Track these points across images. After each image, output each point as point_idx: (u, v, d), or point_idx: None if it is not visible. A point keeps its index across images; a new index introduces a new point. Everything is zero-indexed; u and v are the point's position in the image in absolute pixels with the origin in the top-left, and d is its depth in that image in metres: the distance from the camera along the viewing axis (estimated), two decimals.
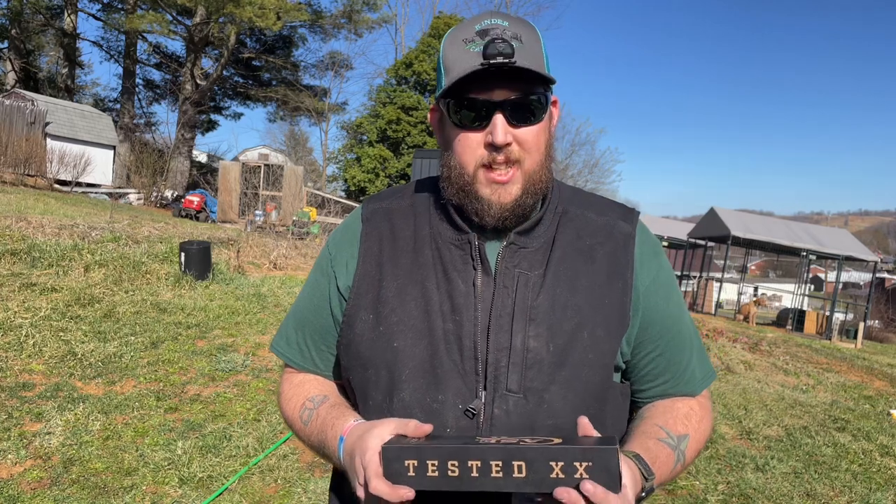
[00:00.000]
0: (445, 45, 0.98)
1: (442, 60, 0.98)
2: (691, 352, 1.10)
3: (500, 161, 0.96)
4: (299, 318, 1.15)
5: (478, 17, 0.98)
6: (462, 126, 0.97)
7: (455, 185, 1.00)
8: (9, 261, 6.77)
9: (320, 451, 1.04)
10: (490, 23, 0.96)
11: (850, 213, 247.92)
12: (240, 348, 5.70)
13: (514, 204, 0.98)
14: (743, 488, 4.12)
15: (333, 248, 1.12)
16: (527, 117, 0.96)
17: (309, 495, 3.43)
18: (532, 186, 0.99)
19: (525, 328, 0.97)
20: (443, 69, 0.98)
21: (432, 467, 0.81)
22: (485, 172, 0.97)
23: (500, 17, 0.98)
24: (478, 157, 0.97)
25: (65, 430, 3.79)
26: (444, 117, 1.01)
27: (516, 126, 0.96)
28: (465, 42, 0.95)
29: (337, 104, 36.25)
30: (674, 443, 1.00)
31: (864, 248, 21.73)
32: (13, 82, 26.94)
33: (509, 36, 0.94)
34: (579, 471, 0.77)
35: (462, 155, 0.98)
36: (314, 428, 1.04)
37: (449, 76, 0.96)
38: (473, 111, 0.95)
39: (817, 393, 7.53)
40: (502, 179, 0.97)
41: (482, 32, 0.95)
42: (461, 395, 0.96)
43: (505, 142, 0.94)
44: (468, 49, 0.94)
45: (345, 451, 0.94)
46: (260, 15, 23.24)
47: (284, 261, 10.68)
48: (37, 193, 15.43)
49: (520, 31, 0.96)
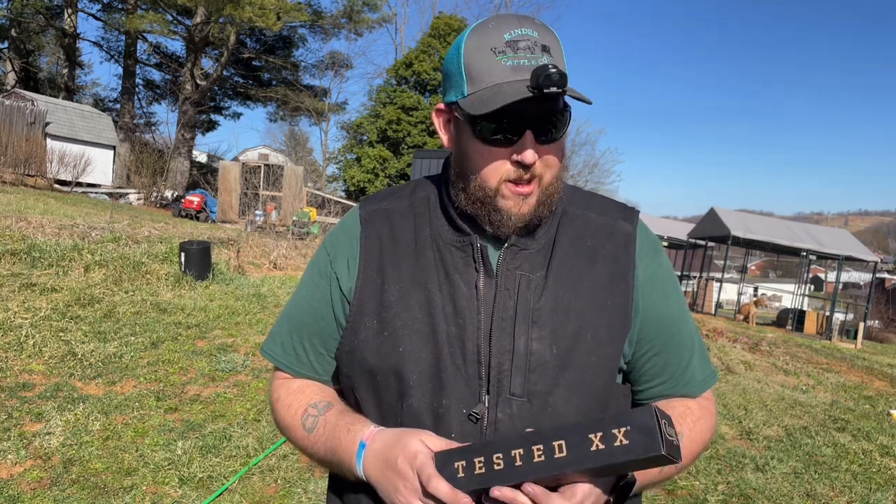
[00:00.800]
0: (469, 48, 0.94)
1: (464, 65, 0.94)
2: (691, 353, 1.08)
3: (525, 178, 0.95)
4: (295, 322, 1.11)
5: (504, 23, 0.94)
6: (488, 141, 0.94)
7: (473, 196, 0.98)
8: (9, 261, 6.77)
9: (329, 459, 1.01)
10: (520, 33, 0.92)
11: (850, 213, 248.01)
12: (240, 348, 5.70)
13: (532, 215, 0.98)
14: (743, 488, 4.12)
15: (332, 249, 1.09)
16: (553, 135, 0.95)
17: (309, 495, 3.43)
18: (548, 199, 0.98)
19: (528, 331, 0.96)
20: (465, 75, 0.94)
21: (479, 464, 0.83)
22: (509, 186, 0.96)
23: (529, 24, 0.94)
24: (503, 173, 0.95)
25: (65, 431, 3.79)
26: (463, 126, 0.97)
27: (543, 143, 0.94)
28: (494, 52, 0.92)
29: (337, 104, 36.30)
30: None
31: (864, 248, 21.73)
32: (13, 82, 26.95)
33: (540, 50, 0.92)
34: (618, 438, 0.78)
35: (485, 169, 0.96)
36: (322, 435, 1.01)
37: (476, 86, 0.93)
38: (503, 128, 0.93)
39: (817, 393, 7.53)
40: (524, 192, 0.96)
41: (512, 44, 0.91)
42: (464, 400, 0.95)
43: (535, 161, 0.93)
44: (500, 61, 0.91)
45: (372, 457, 0.93)
46: (260, 15, 23.25)
47: (284, 261, 10.68)
48: (37, 193, 15.44)
49: (549, 43, 0.93)
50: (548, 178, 0.97)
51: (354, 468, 0.95)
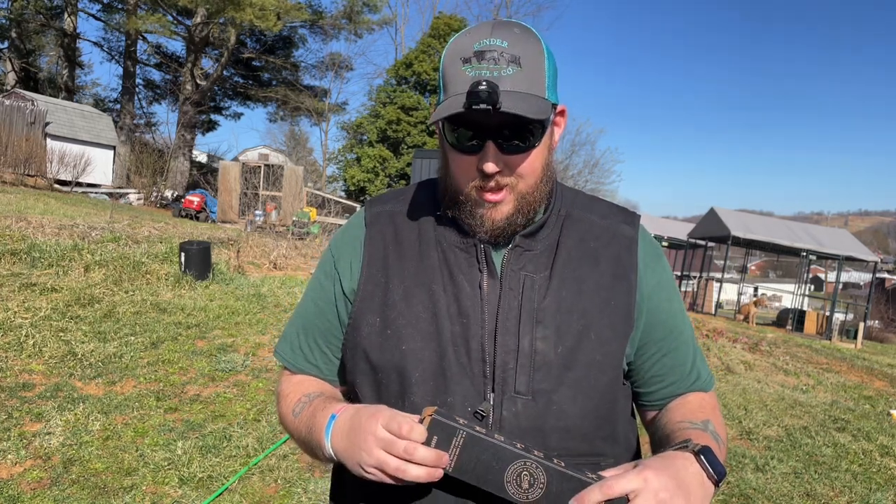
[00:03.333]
0: (446, 56, 0.95)
1: (441, 71, 0.96)
2: (694, 353, 1.11)
3: (490, 186, 0.96)
4: (303, 321, 1.14)
5: (479, 31, 0.94)
6: (456, 148, 0.96)
7: (451, 199, 1.01)
8: (9, 261, 6.77)
9: (307, 440, 1.00)
10: (489, 43, 0.91)
11: (850, 213, 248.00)
12: (240, 348, 5.70)
13: (506, 223, 0.98)
14: (743, 488, 4.12)
15: (336, 250, 1.12)
16: (519, 145, 0.94)
17: (309, 495, 3.43)
18: (525, 206, 0.99)
19: (532, 330, 0.97)
20: (441, 82, 0.96)
21: (479, 428, 0.83)
22: (478, 192, 0.97)
23: (502, 34, 0.92)
24: (471, 179, 0.97)
25: (65, 430, 3.79)
26: (441, 130, 1.00)
27: (510, 153, 0.94)
28: (462, 61, 0.92)
29: (337, 104, 36.30)
30: (701, 426, 1.00)
31: (864, 248, 21.73)
32: (13, 82, 26.95)
33: (506, 61, 0.90)
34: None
35: (457, 174, 0.99)
36: (304, 416, 1.02)
37: (445, 94, 0.94)
38: (466, 136, 0.94)
39: (817, 393, 7.53)
40: (493, 199, 0.97)
41: (479, 54, 0.91)
42: (470, 398, 0.96)
43: (495, 171, 0.94)
44: (465, 71, 0.91)
45: (338, 428, 0.92)
46: (260, 16, 23.24)
47: (284, 261, 10.68)
48: (37, 193, 15.44)
49: (520, 52, 0.91)
50: (522, 187, 0.97)
51: (323, 443, 0.94)
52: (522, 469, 0.82)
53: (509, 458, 0.82)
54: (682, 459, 0.84)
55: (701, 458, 0.84)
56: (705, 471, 0.84)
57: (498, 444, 0.83)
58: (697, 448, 0.86)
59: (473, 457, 0.83)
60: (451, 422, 0.83)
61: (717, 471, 0.84)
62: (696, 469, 0.84)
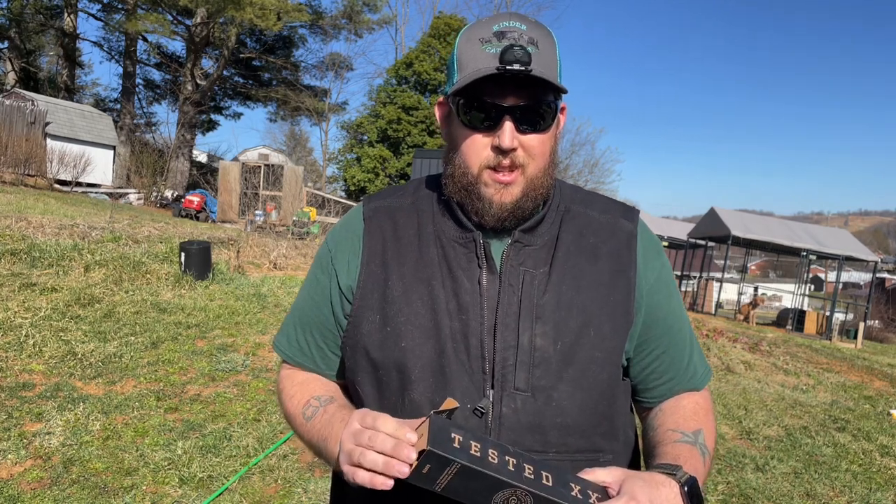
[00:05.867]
0: (461, 41, 0.97)
1: (456, 56, 0.98)
2: (692, 349, 1.11)
3: (504, 165, 0.97)
4: (300, 315, 1.14)
5: (496, 17, 0.98)
6: (470, 126, 0.97)
7: (458, 183, 1.01)
8: (9, 261, 6.77)
9: (319, 446, 1.01)
10: (508, 25, 0.95)
11: (850, 213, 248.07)
12: (240, 348, 5.70)
13: (514, 205, 0.99)
14: (743, 488, 4.12)
15: (333, 245, 1.11)
16: (535, 124, 0.96)
17: (309, 495, 3.43)
18: (533, 191, 0.99)
19: (532, 326, 0.97)
20: (456, 65, 0.97)
21: (475, 447, 0.84)
22: (489, 173, 0.98)
23: (519, 19, 0.97)
24: (483, 159, 0.98)
25: (65, 430, 3.79)
26: (453, 114, 1.00)
27: (524, 132, 0.96)
28: (481, 42, 0.95)
29: (337, 104, 36.25)
30: (691, 439, 1.00)
31: (864, 248, 21.72)
32: (13, 82, 26.93)
33: (526, 41, 0.94)
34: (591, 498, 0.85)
35: (468, 155, 0.99)
36: (318, 423, 1.02)
37: (462, 74, 0.95)
38: (483, 113, 0.95)
39: (817, 393, 7.53)
40: (505, 180, 0.98)
41: (499, 34, 0.94)
42: (469, 395, 0.96)
43: (511, 146, 0.95)
44: (484, 49, 0.94)
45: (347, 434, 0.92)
46: (260, 16, 23.23)
47: (284, 261, 10.68)
48: (37, 193, 15.43)
49: (537, 37, 0.95)
50: (532, 169, 0.98)
51: (335, 455, 0.94)
52: (511, 495, 0.84)
53: (498, 486, 0.83)
54: (668, 489, 0.85)
55: (685, 490, 0.86)
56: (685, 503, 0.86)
57: (489, 475, 0.83)
58: (684, 479, 0.88)
59: (463, 484, 0.83)
60: (446, 454, 0.82)
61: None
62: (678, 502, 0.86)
